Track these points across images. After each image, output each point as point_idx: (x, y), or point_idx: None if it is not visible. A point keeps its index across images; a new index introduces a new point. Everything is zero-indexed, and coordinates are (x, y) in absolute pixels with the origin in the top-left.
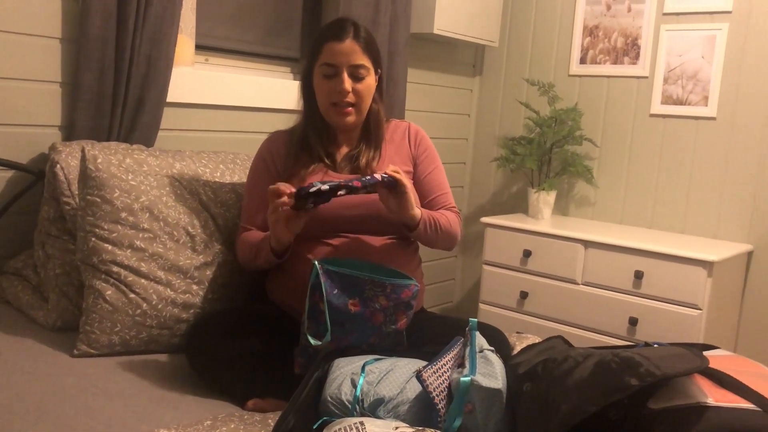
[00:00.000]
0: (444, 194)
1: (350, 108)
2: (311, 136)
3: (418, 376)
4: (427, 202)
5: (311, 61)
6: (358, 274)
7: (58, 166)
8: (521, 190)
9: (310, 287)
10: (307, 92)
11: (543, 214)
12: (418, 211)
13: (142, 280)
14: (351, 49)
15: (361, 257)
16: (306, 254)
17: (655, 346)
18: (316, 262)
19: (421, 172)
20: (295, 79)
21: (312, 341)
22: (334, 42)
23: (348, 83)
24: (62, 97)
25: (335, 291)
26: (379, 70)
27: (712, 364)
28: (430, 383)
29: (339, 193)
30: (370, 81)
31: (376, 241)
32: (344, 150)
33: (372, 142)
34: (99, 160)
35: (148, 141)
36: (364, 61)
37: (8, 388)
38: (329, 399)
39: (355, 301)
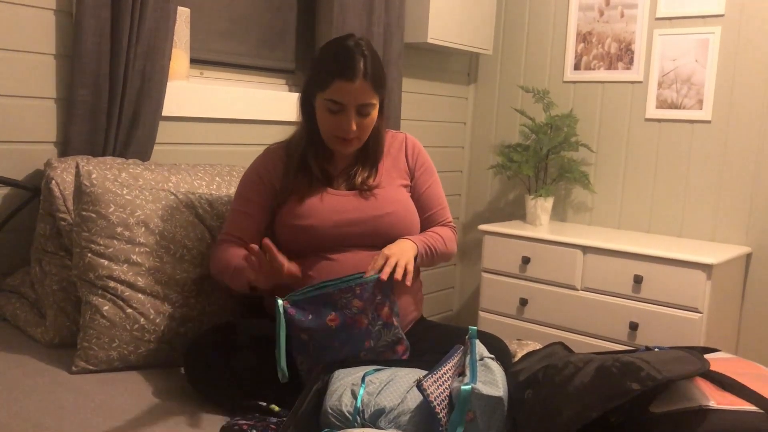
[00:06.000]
0: (441, 209)
1: (353, 140)
2: (309, 153)
3: (419, 385)
4: (424, 218)
5: (314, 89)
6: (322, 288)
7: (54, 182)
8: (518, 197)
9: (284, 326)
10: (306, 110)
11: (541, 220)
12: (412, 247)
13: (140, 295)
14: (361, 90)
15: (361, 270)
16: (307, 270)
17: (656, 350)
18: (279, 301)
19: (419, 186)
20: (290, 91)
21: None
22: (345, 82)
23: (354, 122)
24: (57, 113)
25: (309, 317)
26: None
27: (714, 367)
28: (431, 392)
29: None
30: (375, 113)
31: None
32: (341, 166)
33: (369, 159)
34: (93, 176)
35: (144, 155)
36: (372, 99)
37: (6, 405)
38: (330, 411)
39: (332, 316)
